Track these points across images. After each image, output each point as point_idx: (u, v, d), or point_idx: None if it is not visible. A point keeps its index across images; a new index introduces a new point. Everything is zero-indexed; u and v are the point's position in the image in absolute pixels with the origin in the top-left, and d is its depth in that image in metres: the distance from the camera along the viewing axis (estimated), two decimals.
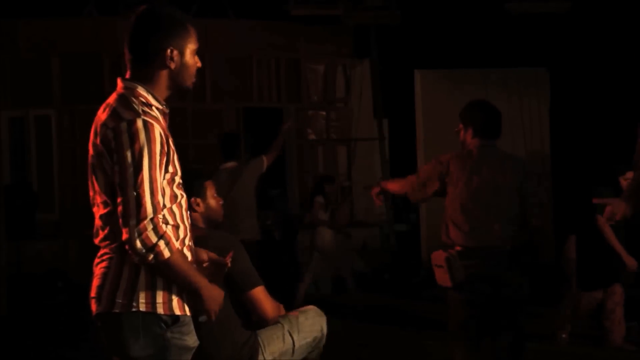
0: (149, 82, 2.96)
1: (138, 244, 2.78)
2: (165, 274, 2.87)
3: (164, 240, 2.81)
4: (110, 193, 2.87)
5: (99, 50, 11.22)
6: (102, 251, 2.96)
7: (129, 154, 2.79)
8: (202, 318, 3.02)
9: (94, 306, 2.94)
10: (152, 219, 2.79)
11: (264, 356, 3.98)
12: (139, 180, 2.78)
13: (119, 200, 2.81)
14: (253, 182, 7.52)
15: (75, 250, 10.82)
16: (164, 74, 2.98)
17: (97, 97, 12.19)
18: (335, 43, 13.12)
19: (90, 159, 2.98)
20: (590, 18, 11.79)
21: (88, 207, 3.08)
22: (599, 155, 11.62)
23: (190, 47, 3.02)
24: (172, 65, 2.97)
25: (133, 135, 2.79)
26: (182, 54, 2.99)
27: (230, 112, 12.48)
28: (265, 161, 7.62)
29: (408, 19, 11.62)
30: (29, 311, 9.02)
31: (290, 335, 4.09)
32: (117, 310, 2.86)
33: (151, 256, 2.80)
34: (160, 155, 2.84)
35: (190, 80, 3.06)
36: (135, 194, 2.78)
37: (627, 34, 11.69)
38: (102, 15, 11.72)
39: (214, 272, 3.16)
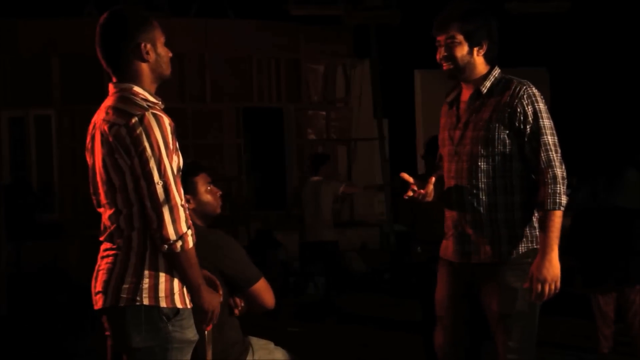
0: (137, 80, 3.06)
1: (171, 232, 2.88)
2: (178, 265, 2.95)
3: (190, 230, 2.93)
4: (124, 190, 2.94)
5: None
6: (105, 246, 3.03)
7: (147, 146, 2.88)
8: None
9: (99, 300, 3.01)
10: (182, 206, 2.91)
11: (253, 357, 4.00)
12: (162, 170, 2.89)
13: (143, 191, 2.89)
14: (330, 197, 8.76)
15: (75, 250, 10.82)
16: (145, 69, 3.07)
17: (97, 98, 12.18)
18: (335, 43, 13.13)
19: (93, 160, 3.04)
20: (590, 18, 11.79)
21: (88, 207, 3.12)
22: (599, 155, 11.61)
23: (160, 39, 3.11)
24: (150, 58, 3.06)
25: (147, 128, 2.89)
26: (154, 45, 3.08)
27: (230, 112, 12.49)
28: (342, 188, 9.05)
29: (408, 19, 11.63)
30: (29, 311, 9.02)
31: (277, 351, 4.13)
32: (122, 305, 2.94)
33: (179, 244, 2.90)
34: (172, 146, 2.94)
35: (168, 69, 3.14)
36: (162, 182, 2.88)
37: (627, 33, 11.70)
38: (102, 15, 11.72)
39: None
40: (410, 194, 3.63)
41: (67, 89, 11.62)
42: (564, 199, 3.45)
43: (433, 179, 3.65)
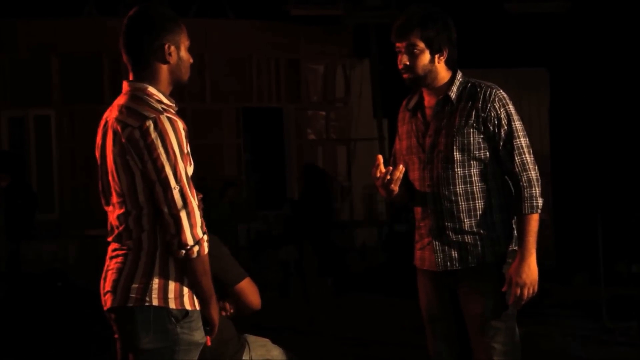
0: (153, 81, 3.04)
1: (189, 237, 2.86)
2: (193, 272, 2.93)
3: (206, 236, 2.93)
4: (133, 191, 2.93)
5: (99, 50, 11.22)
6: (113, 246, 3.02)
7: (162, 151, 2.86)
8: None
9: (108, 300, 3.00)
10: (197, 212, 2.90)
11: (249, 355, 4.00)
12: (178, 175, 2.87)
13: (159, 197, 2.87)
14: None
15: (75, 250, 10.82)
16: (164, 70, 3.05)
17: (97, 97, 12.25)
18: (335, 43, 13.13)
19: (104, 158, 3.03)
20: (589, 18, 11.79)
21: (88, 207, 3.12)
22: (598, 156, 11.61)
23: (184, 43, 3.10)
24: (171, 60, 3.05)
25: (161, 132, 2.87)
26: (178, 48, 3.07)
27: (230, 112, 12.49)
28: None
29: None
30: (29, 311, 9.01)
31: (275, 349, 4.13)
32: (130, 305, 2.93)
33: (196, 249, 2.89)
34: (186, 150, 2.94)
35: (187, 74, 3.14)
36: (179, 187, 2.87)
37: (627, 33, 11.69)
38: (102, 15, 11.72)
39: None
40: (377, 174, 3.56)
41: (66, 89, 11.61)
42: (540, 202, 3.49)
43: (402, 167, 3.56)
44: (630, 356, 6.73)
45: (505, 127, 3.51)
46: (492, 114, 3.51)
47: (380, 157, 3.61)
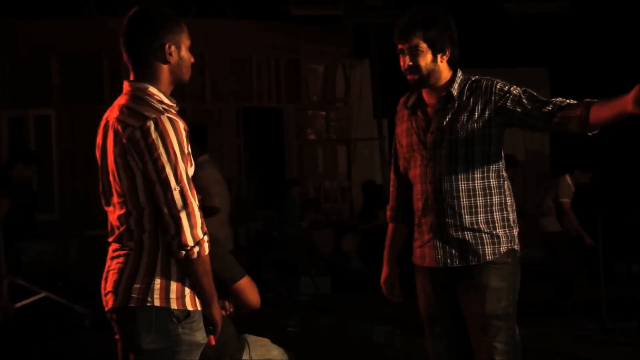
0: (154, 81, 3.03)
1: (189, 237, 2.87)
2: (194, 272, 2.93)
3: (206, 236, 2.93)
4: (134, 192, 2.93)
5: (99, 50, 11.22)
6: (114, 246, 3.03)
7: (163, 152, 2.86)
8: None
9: (110, 300, 3.00)
10: (198, 212, 2.89)
11: (249, 355, 4.00)
12: (179, 176, 2.87)
13: (159, 197, 2.87)
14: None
15: (75, 250, 10.82)
16: (165, 70, 3.05)
17: (97, 97, 12.22)
18: (335, 43, 13.13)
19: (104, 158, 3.02)
20: (589, 18, 11.79)
21: (88, 207, 3.12)
22: (598, 156, 11.61)
23: (185, 42, 3.11)
24: (172, 60, 3.04)
25: (162, 133, 2.87)
26: (178, 48, 3.07)
27: (230, 112, 12.49)
28: None
29: None
30: (29, 311, 9.02)
31: (275, 349, 4.13)
32: (132, 305, 2.93)
33: (197, 250, 2.89)
34: (186, 150, 2.93)
35: (188, 74, 3.14)
36: (179, 188, 2.87)
37: (627, 33, 11.70)
38: (102, 15, 11.72)
39: None
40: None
41: (66, 89, 11.61)
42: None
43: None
44: (630, 356, 6.73)
45: (519, 94, 3.52)
46: (500, 103, 3.52)
47: None
